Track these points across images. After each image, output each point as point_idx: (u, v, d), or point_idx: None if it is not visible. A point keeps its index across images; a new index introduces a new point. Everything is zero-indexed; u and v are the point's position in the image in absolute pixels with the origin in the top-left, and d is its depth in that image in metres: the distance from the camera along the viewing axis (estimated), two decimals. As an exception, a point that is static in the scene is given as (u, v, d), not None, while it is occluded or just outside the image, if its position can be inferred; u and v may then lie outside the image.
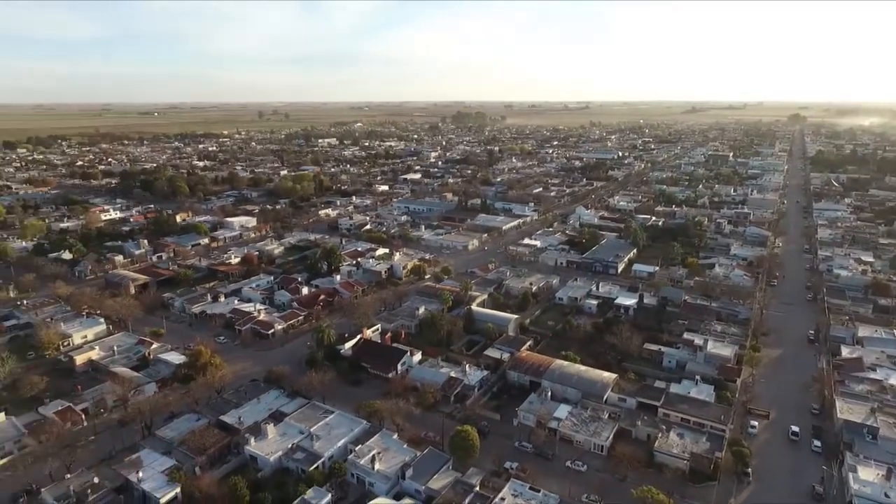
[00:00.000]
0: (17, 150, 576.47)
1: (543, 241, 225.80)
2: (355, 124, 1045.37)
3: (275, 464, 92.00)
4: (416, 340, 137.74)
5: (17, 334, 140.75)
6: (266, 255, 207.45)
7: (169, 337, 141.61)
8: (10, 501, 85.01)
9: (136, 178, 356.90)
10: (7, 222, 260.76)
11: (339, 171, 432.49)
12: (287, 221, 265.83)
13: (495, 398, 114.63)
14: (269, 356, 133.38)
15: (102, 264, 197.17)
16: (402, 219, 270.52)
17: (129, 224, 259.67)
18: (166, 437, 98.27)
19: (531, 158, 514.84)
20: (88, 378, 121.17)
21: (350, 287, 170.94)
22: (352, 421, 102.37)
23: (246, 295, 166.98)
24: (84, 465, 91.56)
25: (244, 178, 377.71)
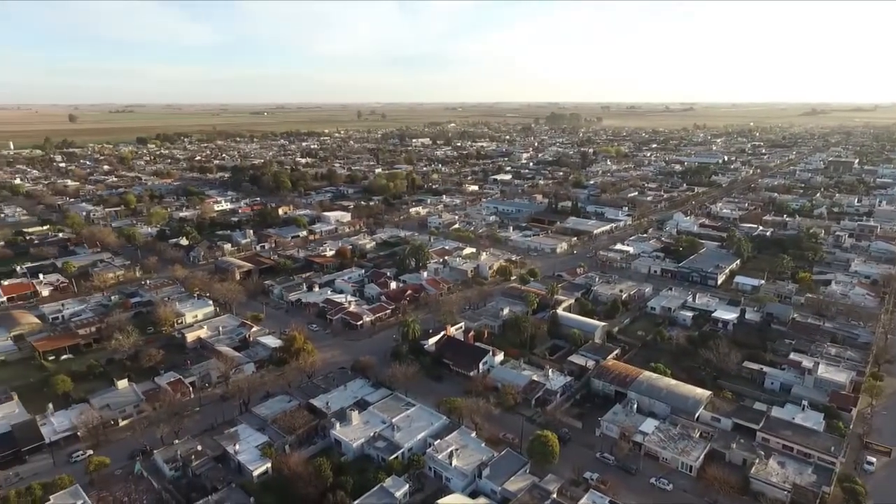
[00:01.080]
0: (148, 145, 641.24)
1: (636, 248, 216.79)
2: (448, 124, 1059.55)
3: (357, 450, 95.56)
4: (498, 341, 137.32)
5: (140, 310, 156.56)
6: (358, 250, 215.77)
7: (267, 321, 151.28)
8: (128, 458, 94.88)
9: (246, 172, 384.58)
10: (137, 210, 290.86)
11: (431, 170, 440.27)
12: (379, 218, 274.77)
13: (577, 405, 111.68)
14: (357, 346, 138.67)
15: (213, 251, 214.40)
16: (490, 219, 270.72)
17: (237, 215, 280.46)
18: (261, 415, 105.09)
19: (627, 161, 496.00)
20: (196, 354, 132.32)
21: (436, 284, 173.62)
22: (432, 415, 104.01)
23: (338, 286, 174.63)
24: (189, 434, 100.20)
25: (342, 175, 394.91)
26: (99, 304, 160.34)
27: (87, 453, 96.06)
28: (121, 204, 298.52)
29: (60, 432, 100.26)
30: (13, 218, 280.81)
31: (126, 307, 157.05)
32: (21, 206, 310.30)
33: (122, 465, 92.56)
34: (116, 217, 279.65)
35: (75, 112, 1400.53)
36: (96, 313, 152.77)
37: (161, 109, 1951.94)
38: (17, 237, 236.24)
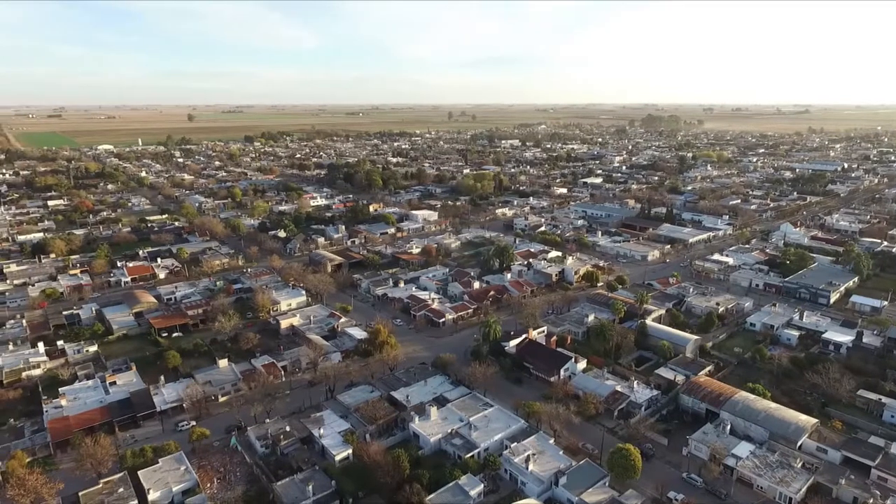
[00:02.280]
0: (254, 143, 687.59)
1: (737, 259, 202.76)
2: (539, 126, 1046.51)
3: (434, 445, 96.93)
4: (581, 348, 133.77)
5: (241, 296, 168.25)
6: (444, 248, 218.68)
7: (354, 314, 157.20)
8: (225, 431, 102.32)
9: (340, 170, 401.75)
10: (242, 203, 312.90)
11: (519, 171, 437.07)
12: (466, 218, 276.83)
13: (664, 421, 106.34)
14: (438, 343, 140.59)
15: (308, 244, 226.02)
16: (578, 223, 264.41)
17: (331, 211, 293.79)
18: (345, 403, 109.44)
19: (730, 167, 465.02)
20: (289, 340, 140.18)
21: (519, 286, 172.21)
22: (510, 418, 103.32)
23: (423, 283, 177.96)
24: (279, 414, 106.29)
25: (430, 175, 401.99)
26: (206, 289, 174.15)
27: (191, 424, 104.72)
28: (228, 197, 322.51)
29: (169, 402, 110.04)
30: (138, 207, 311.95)
31: (229, 292, 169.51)
32: (145, 196, 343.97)
33: (220, 438, 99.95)
34: (224, 209, 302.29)
35: (193, 112, 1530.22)
36: (203, 297, 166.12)
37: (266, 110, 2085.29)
38: (141, 224, 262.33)
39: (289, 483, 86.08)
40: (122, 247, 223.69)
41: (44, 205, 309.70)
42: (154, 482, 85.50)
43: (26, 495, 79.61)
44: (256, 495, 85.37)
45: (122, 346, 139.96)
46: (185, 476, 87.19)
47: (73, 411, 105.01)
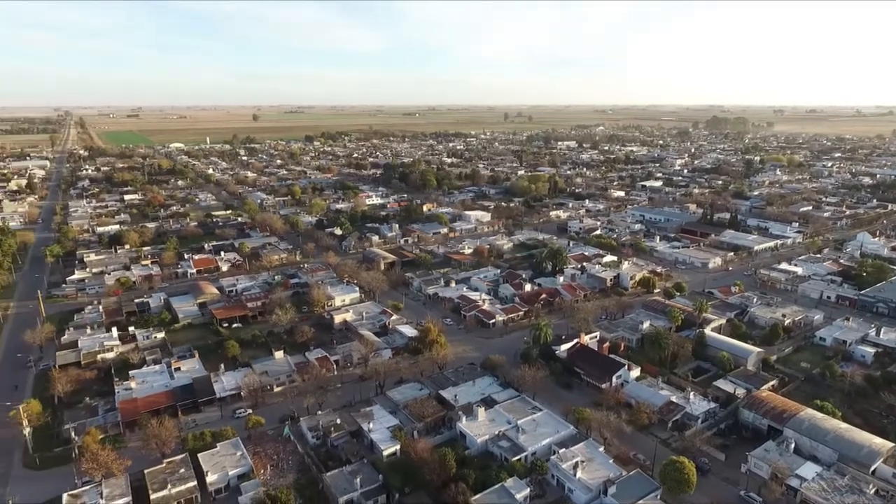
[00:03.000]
0: (314, 143, 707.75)
1: (807, 269, 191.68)
2: (597, 127, 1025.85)
3: (481, 446, 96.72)
4: (635, 355, 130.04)
5: (297, 291, 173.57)
6: (496, 250, 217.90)
7: (405, 311, 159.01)
8: (278, 420, 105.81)
9: (396, 170, 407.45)
10: (301, 200, 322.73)
11: (575, 173, 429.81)
12: (519, 219, 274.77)
13: (721, 435, 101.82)
14: (488, 344, 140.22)
15: (362, 241, 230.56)
16: (635, 227, 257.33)
17: (385, 209, 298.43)
18: (394, 399, 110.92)
19: (801, 171, 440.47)
20: (342, 335, 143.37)
21: (572, 290, 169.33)
22: (558, 423, 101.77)
23: (474, 284, 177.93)
24: (331, 407, 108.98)
25: (484, 176, 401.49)
26: (265, 282, 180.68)
27: (248, 411, 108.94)
28: (288, 194, 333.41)
29: (228, 390, 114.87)
30: (205, 202, 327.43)
31: (286, 287, 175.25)
32: (211, 192, 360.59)
33: (274, 427, 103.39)
34: (284, 206, 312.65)
35: (258, 112, 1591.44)
36: (262, 290, 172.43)
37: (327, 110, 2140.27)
38: (206, 219, 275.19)
39: (338, 474, 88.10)
40: (189, 240, 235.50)
41: (121, 199, 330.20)
42: (212, 465, 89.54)
43: (98, 469, 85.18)
44: (307, 484, 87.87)
45: (186, 334, 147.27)
46: (241, 461, 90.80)
47: (141, 393, 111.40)
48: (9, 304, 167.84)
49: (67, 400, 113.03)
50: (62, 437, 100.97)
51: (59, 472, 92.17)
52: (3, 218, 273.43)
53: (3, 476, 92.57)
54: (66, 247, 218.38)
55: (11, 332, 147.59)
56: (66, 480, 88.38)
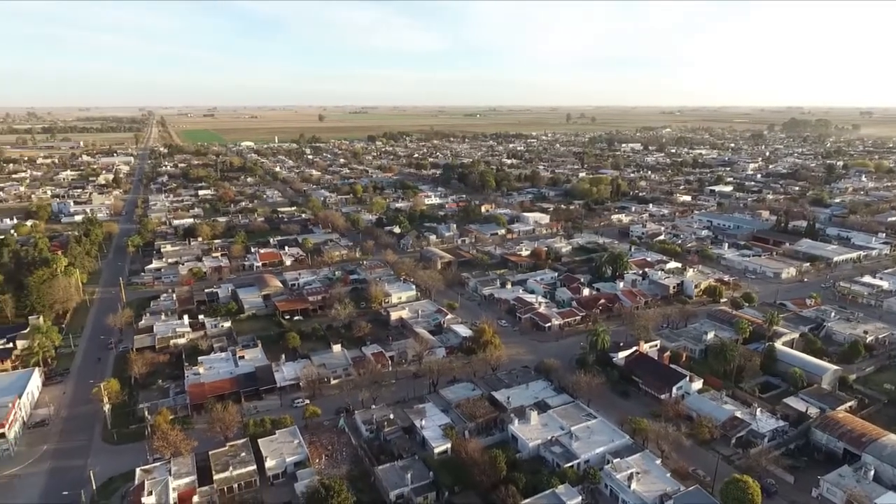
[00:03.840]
0: (376, 142, 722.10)
1: (894, 283, 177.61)
2: (663, 129, 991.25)
3: (533, 450, 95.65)
4: (698, 367, 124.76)
5: (356, 286, 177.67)
6: (554, 252, 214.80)
7: (461, 311, 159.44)
8: (334, 412, 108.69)
9: (455, 170, 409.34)
10: (362, 198, 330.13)
11: (639, 176, 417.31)
12: (578, 222, 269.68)
13: (790, 456, 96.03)
14: (542, 348, 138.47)
15: (420, 240, 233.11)
16: (702, 233, 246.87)
17: (444, 209, 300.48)
18: (447, 398, 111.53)
19: (891, 178, 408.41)
20: (397, 332, 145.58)
21: (632, 296, 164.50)
22: (613, 431, 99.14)
23: (530, 286, 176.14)
24: (385, 402, 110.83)
25: (544, 178, 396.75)
26: (325, 277, 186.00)
27: (305, 402, 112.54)
28: (350, 192, 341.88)
29: (287, 380, 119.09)
30: (272, 199, 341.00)
31: (346, 282, 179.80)
32: (278, 189, 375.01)
33: (329, 418, 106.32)
34: (346, 204, 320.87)
35: (324, 112, 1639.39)
36: (323, 284, 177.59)
37: (389, 111, 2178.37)
38: (273, 215, 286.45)
39: (390, 468, 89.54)
40: (255, 234, 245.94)
41: (195, 194, 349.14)
42: (271, 451, 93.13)
43: (168, 448, 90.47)
44: (359, 476, 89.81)
45: (250, 324, 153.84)
46: (298, 449, 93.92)
47: (208, 379, 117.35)
48: (95, 289, 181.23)
49: (142, 381, 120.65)
50: (137, 415, 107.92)
51: (133, 447, 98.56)
52: (92, 210, 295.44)
53: (84, 448, 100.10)
54: (146, 238, 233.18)
55: (96, 315, 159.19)
56: (139, 456, 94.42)
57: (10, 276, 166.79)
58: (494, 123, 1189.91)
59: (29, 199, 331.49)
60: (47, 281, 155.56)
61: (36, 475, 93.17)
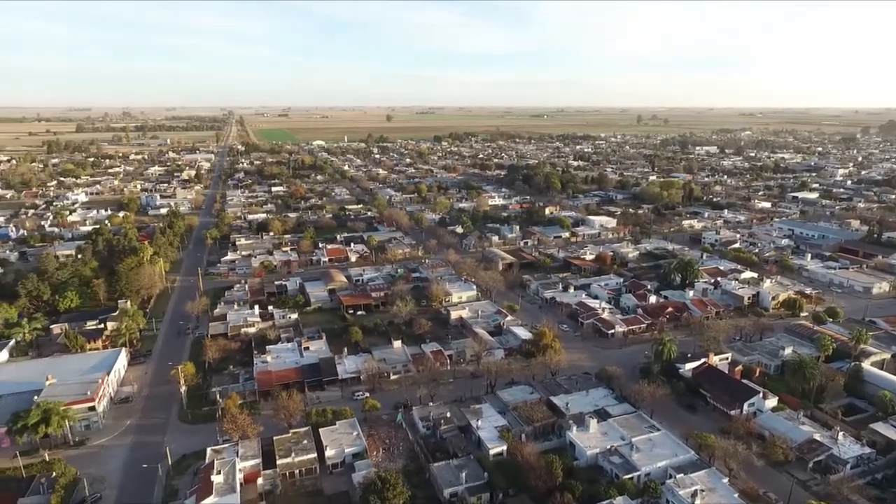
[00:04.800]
0: (442, 143, 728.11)
1: None
2: (742, 132, 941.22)
3: (591, 458, 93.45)
4: (773, 383, 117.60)
5: (418, 284, 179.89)
6: (619, 257, 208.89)
7: (521, 314, 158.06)
8: (392, 407, 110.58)
9: (520, 171, 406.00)
10: (426, 198, 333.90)
11: (714, 181, 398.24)
12: (647, 227, 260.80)
13: (877, 487, 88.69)
14: (604, 355, 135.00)
15: (482, 241, 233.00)
16: (782, 242, 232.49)
17: (507, 210, 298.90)
18: (504, 399, 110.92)
19: None
20: (456, 331, 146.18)
21: (703, 306, 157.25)
22: (677, 445, 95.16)
23: (594, 291, 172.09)
24: (442, 400, 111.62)
25: (612, 180, 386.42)
26: (388, 274, 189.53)
27: (365, 395, 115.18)
28: (415, 192, 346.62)
29: (349, 373, 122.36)
30: (340, 196, 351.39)
31: (408, 280, 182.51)
32: (346, 187, 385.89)
33: (388, 412, 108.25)
34: (410, 202, 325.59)
35: (392, 113, 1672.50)
36: (385, 281, 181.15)
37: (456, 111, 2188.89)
38: (340, 212, 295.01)
39: (445, 466, 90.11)
40: (323, 230, 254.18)
41: (268, 190, 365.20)
42: (331, 440, 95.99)
43: (236, 430, 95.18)
44: (415, 471, 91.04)
45: (316, 316, 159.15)
46: (356, 441, 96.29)
47: (275, 367, 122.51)
48: (176, 277, 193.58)
49: (215, 366, 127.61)
50: (209, 398, 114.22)
51: (204, 428, 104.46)
52: (175, 203, 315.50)
53: (162, 425, 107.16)
54: (223, 231, 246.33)
55: (176, 302, 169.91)
56: (210, 436, 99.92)
57: (104, 262, 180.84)
58: (561, 124, 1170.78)
59: (121, 192, 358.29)
60: (135, 268, 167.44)
61: (120, 447, 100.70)
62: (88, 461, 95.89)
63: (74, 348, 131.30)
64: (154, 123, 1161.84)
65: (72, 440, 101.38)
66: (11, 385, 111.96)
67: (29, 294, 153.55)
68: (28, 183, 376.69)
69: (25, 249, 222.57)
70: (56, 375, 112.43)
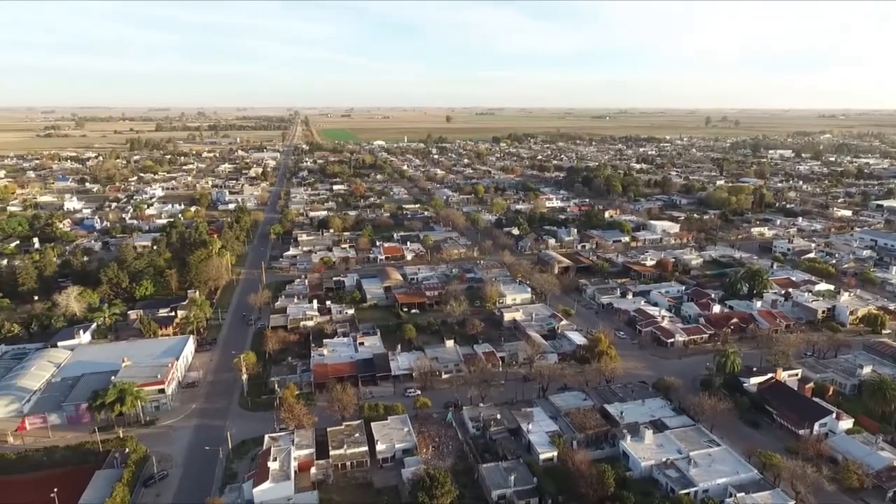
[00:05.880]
0: (500, 144, 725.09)
1: None
2: (821, 135, 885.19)
3: (645, 470, 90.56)
4: (848, 404, 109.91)
5: (472, 285, 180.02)
6: (682, 264, 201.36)
7: (576, 318, 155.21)
8: (443, 406, 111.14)
9: (580, 174, 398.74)
10: (483, 199, 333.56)
11: (788, 186, 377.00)
12: (712, 233, 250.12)
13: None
14: (662, 364, 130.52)
15: (538, 243, 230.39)
16: (863, 253, 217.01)
17: (565, 213, 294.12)
18: (556, 405, 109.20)
19: None
20: (509, 333, 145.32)
21: (771, 318, 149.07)
22: (739, 463, 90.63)
23: (653, 298, 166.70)
24: (492, 402, 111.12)
25: (676, 184, 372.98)
26: (443, 274, 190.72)
27: (417, 392, 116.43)
28: (472, 192, 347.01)
29: (402, 369, 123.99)
30: (398, 195, 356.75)
31: (462, 280, 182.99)
32: (404, 187, 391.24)
33: (438, 411, 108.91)
34: (467, 203, 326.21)
35: (451, 113, 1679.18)
36: (440, 280, 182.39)
37: (516, 112, 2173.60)
38: (398, 211, 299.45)
39: (494, 468, 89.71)
40: (381, 229, 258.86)
41: (330, 188, 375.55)
42: (382, 435, 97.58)
43: (292, 419, 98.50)
44: (463, 471, 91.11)
45: (371, 313, 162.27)
46: (407, 437, 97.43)
47: (331, 360, 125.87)
48: (241, 270, 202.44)
49: (275, 356, 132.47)
50: (268, 387, 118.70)
51: (263, 415, 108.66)
52: (242, 199, 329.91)
53: (224, 410, 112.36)
54: (285, 227, 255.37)
55: (240, 294, 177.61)
56: (267, 424, 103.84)
57: (176, 253, 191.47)
58: (624, 126, 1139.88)
59: (194, 188, 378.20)
60: (204, 260, 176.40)
61: (185, 429, 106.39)
62: (157, 440, 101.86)
63: (148, 333, 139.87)
64: (226, 123, 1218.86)
65: (143, 419, 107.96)
66: (92, 365, 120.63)
67: (109, 281, 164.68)
68: (112, 178, 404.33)
69: (108, 240, 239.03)
70: (131, 358, 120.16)
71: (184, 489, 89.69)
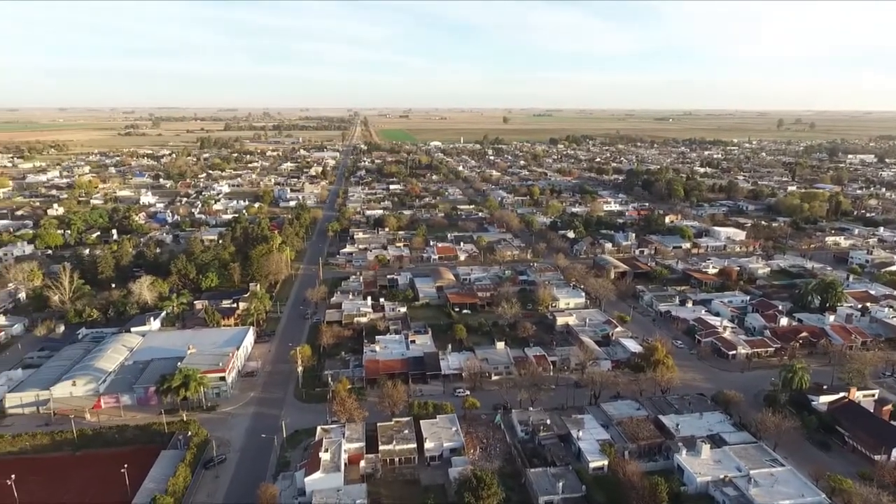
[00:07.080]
0: (558, 145, 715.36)
1: None
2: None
3: (701, 486, 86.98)
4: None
5: (524, 287, 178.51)
6: (747, 273, 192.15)
7: (632, 325, 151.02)
8: (492, 408, 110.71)
9: (640, 177, 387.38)
10: (538, 201, 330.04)
11: (869, 194, 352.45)
12: (781, 242, 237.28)
13: None
14: (723, 377, 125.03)
15: (594, 247, 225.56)
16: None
17: (623, 217, 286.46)
18: (608, 413, 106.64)
19: None
20: (562, 338, 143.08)
21: (845, 333, 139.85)
22: (804, 486, 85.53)
23: (715, 308, 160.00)
24: (542, 406, 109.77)
25: (743, 189, 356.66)
26: (495, 275, 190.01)
27: (466, 392, 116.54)
28: (527, 194, 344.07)
29: (451, 369, 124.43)
30: (452, 196, 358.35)
31: (514, 282, 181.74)
32: (459, 187, 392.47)
33: (486, 413, 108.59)
34: (521, 205, 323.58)
35: (508, 115, 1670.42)
36: (492, 282, 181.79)
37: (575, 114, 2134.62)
38: (452, 211, 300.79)
39: (542, 473, 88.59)
40: (435, 229, 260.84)
41: (386, 188, 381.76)
42: (431, 433, 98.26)
43: (344, 413, 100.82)
44: (510, 474, 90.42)
45: (423, 311, 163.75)
46: (455, 437, 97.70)
47: (382, 357, 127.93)
48: (299, 265, 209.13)
49: (329, 350, 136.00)
50: (322, 380, 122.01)
51: (316, 407, 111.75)
52: (303, 197, 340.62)
53: (280, 400, 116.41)
54: (343, 224, 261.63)
55: (298, 288, 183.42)
56: (320, 416, 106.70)
57: (240, 248, 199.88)
58: (688, 128, 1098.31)
59: (258, 185, 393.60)
60: (265, 255, 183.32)
61: (244, 416, 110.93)
62: (217, 425, 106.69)
63: (211, 323, 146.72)
64: (289, 123, 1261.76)
65: (205, 405, 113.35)
66: (161, 351, 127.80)
67: (178, 272, 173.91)
68: (184, 174, 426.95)
69: (178, 233, 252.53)
70: (195, 346, 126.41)
71: (240, 473, 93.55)
